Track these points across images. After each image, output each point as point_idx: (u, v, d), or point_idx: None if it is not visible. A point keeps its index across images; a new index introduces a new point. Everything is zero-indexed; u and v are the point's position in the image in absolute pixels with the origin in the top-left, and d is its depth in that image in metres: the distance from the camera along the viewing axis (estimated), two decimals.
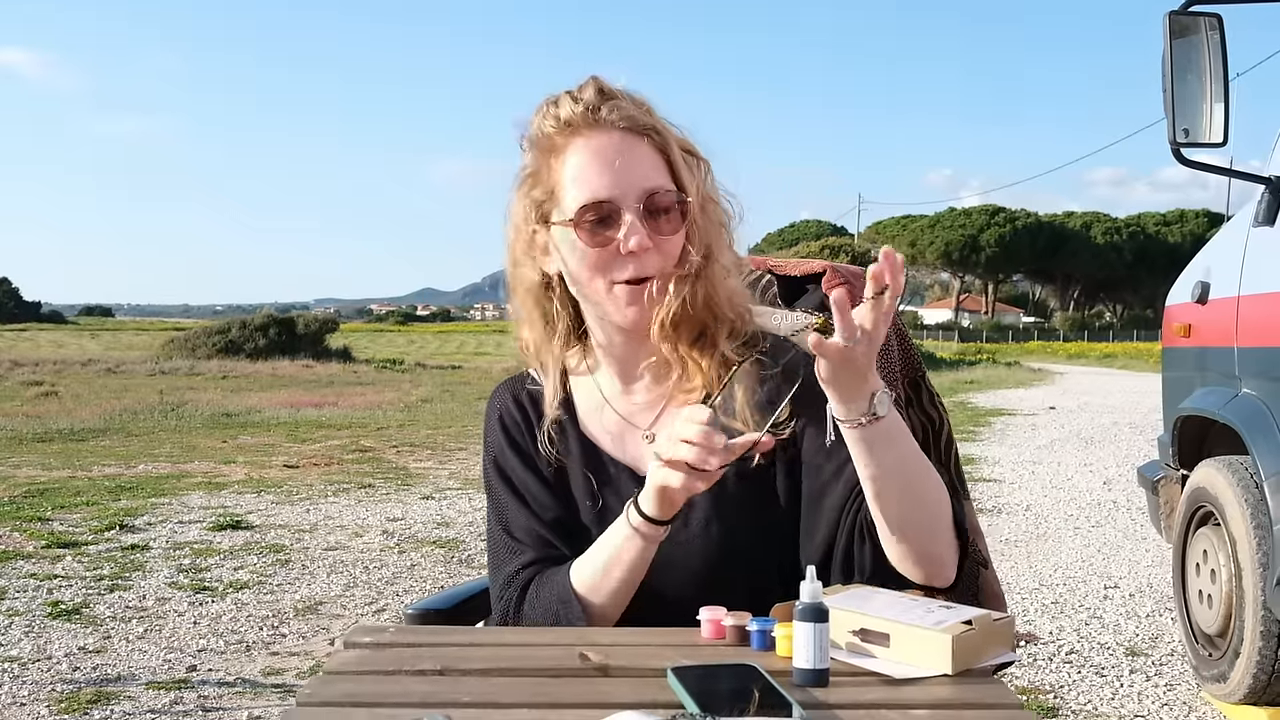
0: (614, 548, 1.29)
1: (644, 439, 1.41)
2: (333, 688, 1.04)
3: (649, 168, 1.32)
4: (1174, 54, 3.09)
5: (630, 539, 1.28)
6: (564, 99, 1.32)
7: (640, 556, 1.29)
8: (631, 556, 1.28)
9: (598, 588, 1.31)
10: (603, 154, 1.30)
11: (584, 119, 1.31)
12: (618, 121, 1.31)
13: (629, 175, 1.30)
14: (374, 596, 5.01)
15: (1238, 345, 3.51)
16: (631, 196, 1.30)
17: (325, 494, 7.92)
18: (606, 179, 1.30)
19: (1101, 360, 39.44)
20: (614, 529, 1.30)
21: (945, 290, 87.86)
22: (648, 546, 1.28)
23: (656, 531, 1.27)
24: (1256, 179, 3.45)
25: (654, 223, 1.31)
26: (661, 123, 1.34)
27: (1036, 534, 6.64)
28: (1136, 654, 4.21)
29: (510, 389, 1.50)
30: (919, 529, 1.24)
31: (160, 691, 3.66)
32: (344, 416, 14.17)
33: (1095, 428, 13.43)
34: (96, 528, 6.43)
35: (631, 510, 1.27)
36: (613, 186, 1.30)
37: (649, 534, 1.27)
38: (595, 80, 1.33)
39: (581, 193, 1.30)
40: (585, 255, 1.31)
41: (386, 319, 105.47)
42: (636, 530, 1.27)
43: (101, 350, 33.99)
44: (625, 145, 1.31)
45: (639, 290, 1.31)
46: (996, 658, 1.12)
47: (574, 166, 1.31)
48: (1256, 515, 3.31)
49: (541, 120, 1.34)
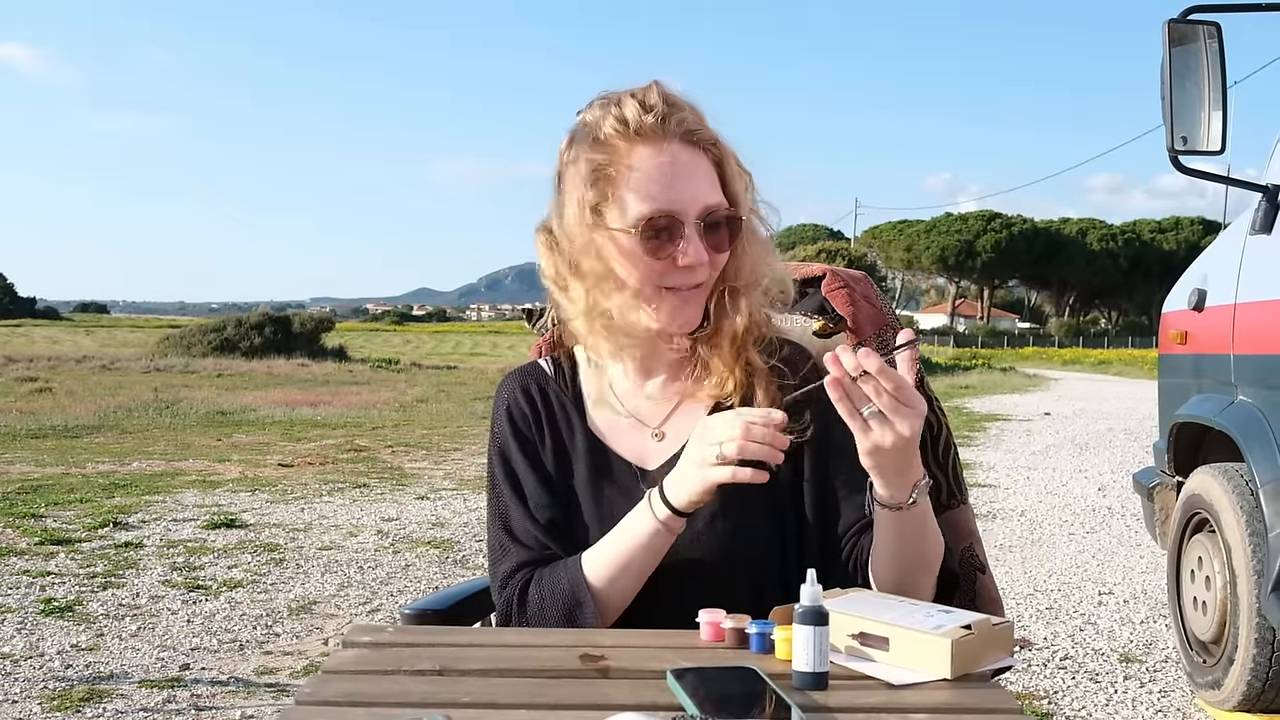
0: (634, 541, 1.30)
1: (653, 436, 1.42)
2: (332, 687, 1.04)
3: (708, 182, 1.33)
4: (1173, 62, 3.10)
5: (656, 533, 1.29)
6: (628, 102, 1.32)
7: (661, 548, 1.31)
8: (653, 549, 1.30)
9: (614, 580, 1.31)
10: (667, 166, 1.31)
11: (650, 127, 1.31)
12: (681, 133, 1.32)
13: (690, 189, 1.31)
14: (368, 596, 5.01)
15: (1234, 352, 3.52)
16: (692, 211, 1.31)
17: (320, 493, 7.91)
18: (671, 193, 1.31)
19: (1096, 366, 39.48)
20: (633, 522, 1.31)
21: (941, 295, 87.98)
22: (669, 538, 1.30)
23: (680, 524, 1.29)
24: (1254, 187, 3.46)
25: (711, 238, 1.32)
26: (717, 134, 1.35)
27: (1031, 539, 6.65)
28: (1131, 660, 4.22)
29: (519, 380, 1.49)
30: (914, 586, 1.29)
31: (153, 690, 3.65)
32: (339, 416, 14.16)
33: (1090, 434, 13.45)
34: (90, 525, 6.41)
35: (657, 503, 1.28)
36: (675, 200, 1.31)
37: (674, 527, 1.29)
38: (658, 86, 1.33)
39: (644, 204, 1.30)
40: (639, 262, 1.32)
41: (382, 318, 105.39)
42: (664, 524, 1.28)
43: (96, 347, 33.92)
44: (687, 157, 1.32)
45: (688, 295, 1.34)
46: (995, 662, 1.12)
47: (638, 175, 1.31)
48: (1252, 522, 3.31)
49: (601, 118, 1.33)
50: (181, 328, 34.07)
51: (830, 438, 1.36)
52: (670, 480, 1.28)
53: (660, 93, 1.33)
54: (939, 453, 1.78)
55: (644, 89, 1.34)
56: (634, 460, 1.42)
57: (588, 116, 1.36)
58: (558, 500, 1.42)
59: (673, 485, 1.28)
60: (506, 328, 71.13)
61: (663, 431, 1.42)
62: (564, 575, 1.33)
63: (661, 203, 1.31)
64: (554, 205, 1.39)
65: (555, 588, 1.33)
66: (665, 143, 1.32)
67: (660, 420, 1.43)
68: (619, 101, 1.33)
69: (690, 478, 1.26)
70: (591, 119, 1.35)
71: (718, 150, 1.35)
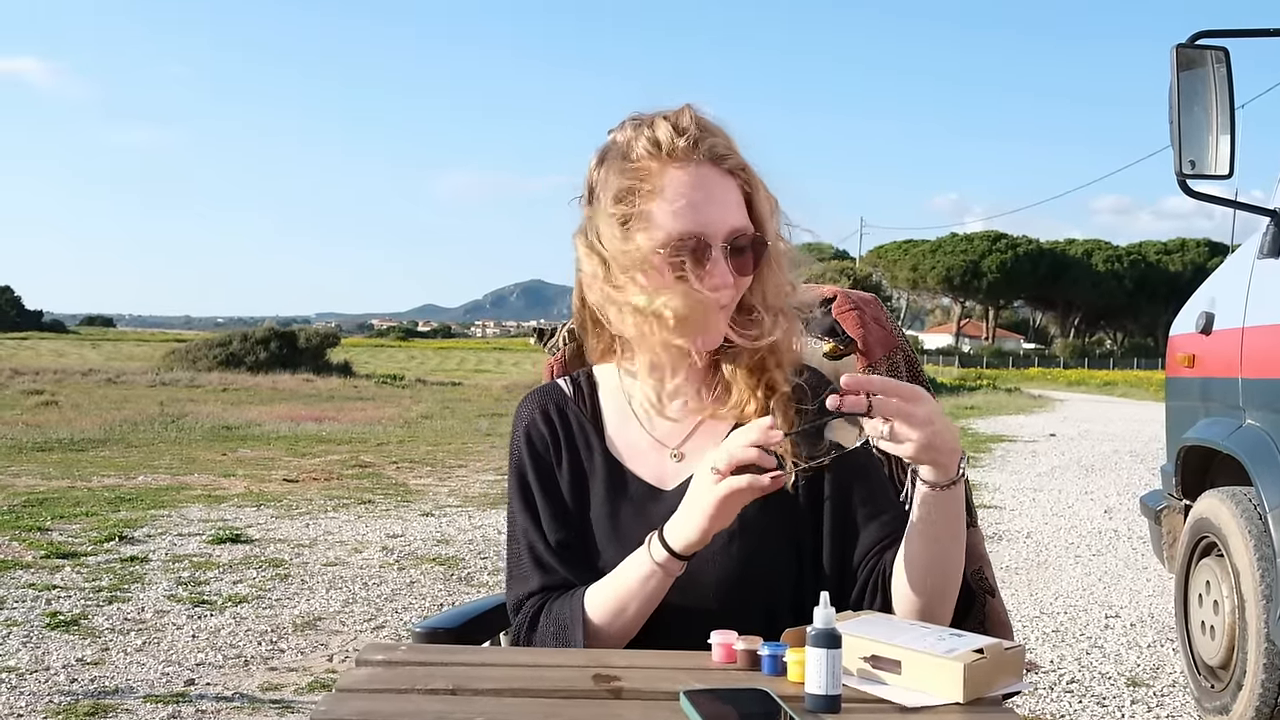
0: (631, 583, 1.30)
1: (671, 457, 1.42)
2: (346, 705, 1.04)
3: (735, 206, 1.34)
4: (1181, 86, 3.11)
5: (652, 574, 1.28)
6: (661, 124, 1.34)
7: (658, 591, 1.30)
8: (649, 591, 1.30)
9: (613, 620, 1.32)
10: (697, 190, 1.32)
11: (682, 151, 1.33)
12: (712, 157, 1.34)
13: (719, 213, 1.32)
14: (373, 613, 5.00)
15: (1242, 376, 3.52)
16: (719, 235, 1.32)
17: (325, 509, 7.91)
18: (699, 215, 1.32)
19: (1102, 388, 39.44)
20: (632, 564, 1.30)
21: (946, 315, 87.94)
22: (666, 581, 1.29)
23: (679, 567, 1.28)
24: (1262, 211, 3.47)
25: (736, 262, 1.33)
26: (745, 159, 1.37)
27: (1037, 562, 6.63)
28: (1138, 684, 4.20)
29: (538, 402, 1.49)
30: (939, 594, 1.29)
31: (158, 705, 3.65)
32: (344, 431, 14.17)
33: (1096, 455, 13.42)
34: (96, 538, 6.42)
35: (655, 545, 1.28)
36: (704, 224, 1.32)
37: (671, 570, 1.28)
38: (691, 110, 1.35)
39: (673, 224, 1.31)
40: (666, 282, 1.32)
41: (387, 334, 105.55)
42: (661, 566, 1.28)
43: (102, 360, 34.00)
44: (716, 182, 1.34)
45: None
46: (1006, 686, 1.12)
47: (667, 196, 1.32)
48: (1260, 547, 3.31)
49: (634, 138, 1.35)
50: (187, 342, 34.14)
51: (850, 460, 1.36)
52: (671, 524, 1.28)
53: (693, 116, 1.35)
54: None
55: (677, 112, 1.35)
56: (652, 481, 1.42)
57: (619, 136, 1.37)
58: (572, 524, 1.42)
59: (673, 527, 1.27)
60: (511, 344, 71.11)
61: (682, 452, 1.42)
62: (568, 610, 1.34)
63: (689, 224, 1.32)
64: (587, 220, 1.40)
65: (559, 621, 1.34)
66: (695, 166, 1.33)
67: (680, 441, 1.43)
68: (652, 123, 1.35)
69: (689, 512, 1.25)
70: (623, 138, 1.36)
71: (746, 176, 1.36)
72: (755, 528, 1.36)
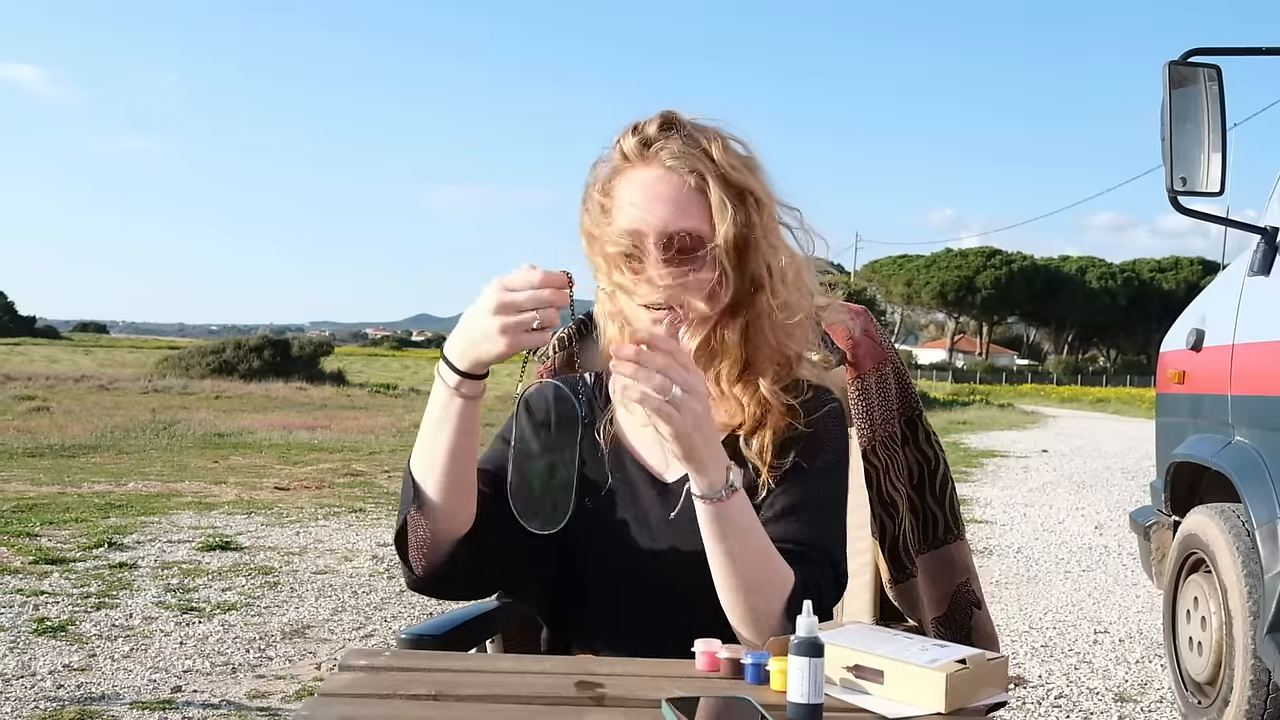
0: (435, 413, 1.26)
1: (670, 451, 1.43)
2: (328, 710, 1.04)
3: (682, 207, 1.35)
4: (1173, 103, 3.13)
5: (450, 400, 1.24)
6: (628, 131, 1.39)
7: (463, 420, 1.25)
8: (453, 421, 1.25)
9: (430, 466, 1.28)
10: (642, 188, 1.37)
11: (637, 153, 1.38)
12: (665, 159, 1.36)
13: (658, 212, 1.35)
14: (362, 621, 4.99)
15: (1232, 393, 3.53)
16: (655, 232, 1.35)
17: (315, 517, 7.90)
18: (638, 213, 1.35)
19: (1095, 405, 39.50)
20: (433, 398, 1.27)
21: (940, 330, 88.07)
22: (467, 407, 1.25)
23: (478, 388, 1.24)
24: (1252, 229, 3.48)
25: (678, 260, 1.35)
26: (717, 163, 1.36)
27: (1027, 576, 6.64)
28: (1125, 700, 4.20)
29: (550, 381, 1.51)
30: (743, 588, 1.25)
31: (145, 711, 3.64)
32: (336, 440, 14.15)
33: (1087, 472, 13.43)
34: (85, 545, 6.40)
35: (445, 370, 1.24)
36: (641, 221, 1.35)
37: (466, 390, 1.24)
38: (663, 115, 1.39)
39: (621, 223, 1.37)
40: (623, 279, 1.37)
41: (381, 343, 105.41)
42: (456, 390, 1.24)
43: (95, 367, 33.90)
44: (666, 183, 1.36)
45: (661, 316, 1.35)
46: (990, 698, 1.12)
47: (620, 193, 1.38)
48: (1248, 563, 3.31)
49: (612, 148, 1.41)
50: (180, 349, 34.09)
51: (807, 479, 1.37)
52: (451, 343, 1.24)
53: (661, 120, 1.38)
54: (936, 487, 1.79)
55: (651, 118, 1.39)
56: (654, 466, 1.45)
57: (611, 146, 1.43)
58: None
59: (452, 347, 1.23)
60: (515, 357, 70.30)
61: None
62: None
63: (630, 222, 1.36)
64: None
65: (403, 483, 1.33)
66: (647, 167, 1.37)
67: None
68: (628, 128, 1.40)
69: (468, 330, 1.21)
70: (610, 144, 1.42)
71: (703, 179, 1.36)
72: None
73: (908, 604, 1.68)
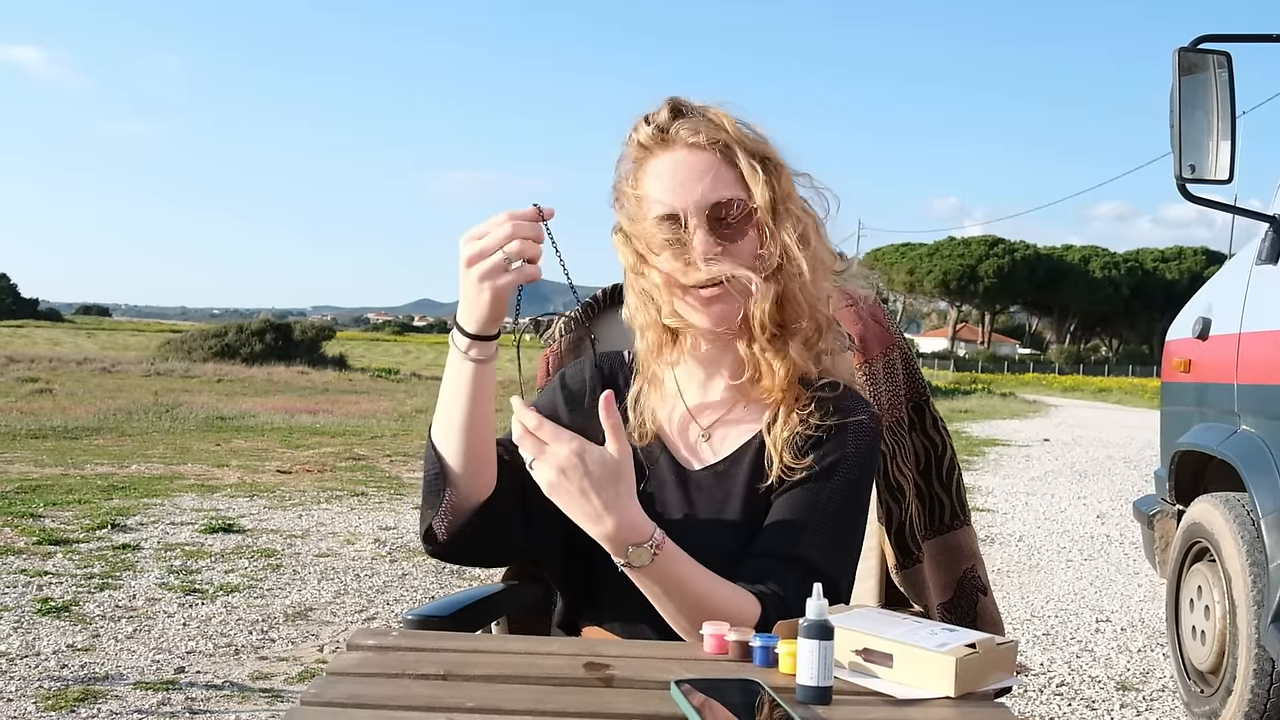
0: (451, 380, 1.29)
1: (701, 436, 1.45)
2: (336, 689, 1.04)
3: (714, 180, 1.36)
4: (1182, 90, 3.11)
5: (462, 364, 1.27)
6: (641, 123, 1.41)
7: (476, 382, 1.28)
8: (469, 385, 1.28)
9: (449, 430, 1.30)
10: (670, 171, 1.38)
11: (655, 139, 1.39)
12: (686, 139, 1.38)
13: (694, 188, 1.36)
14: (364, 604, 5.00)
15: (1238, 382, 3.52)
16: (694, 208, 1.35)
17: (318, 500, 7.91)
18: (672, 194, 1.36)
19: (1097, 394, 39.47)
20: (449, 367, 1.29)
21: (942, 319, 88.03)
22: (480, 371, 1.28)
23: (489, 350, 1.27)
24: (1260, 217, 3.47)
25: (721, 232, 1.36)
26: (733, 134, 1.38)
27: (1029, 565, 6.64)
28: (1127, 688, 4.21)
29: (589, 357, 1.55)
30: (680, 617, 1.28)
31: (148, 692, 3.65)
32: (338, 424, 14.16)
33: (1089, 461, 13.44)
34: (88, 526, 6.41)
35: (456, 336, 1.27)
36: (678, 200, 1.36)
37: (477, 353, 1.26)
38: (670, 101, 1.40)
39: (655, 208, 1.37)
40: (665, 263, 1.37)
41: (383, 328, 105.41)
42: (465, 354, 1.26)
43: (97, 349, 33.95)
44: (692, 160, 1.37)
45: (713, 293, 1.36)
46: (998, 682, 1.12)
47: (647, 185, 1.39)
48: (1252, 552, 3.31)
49: (628, 143, 1.42)
50: (183, 332, 34.12)
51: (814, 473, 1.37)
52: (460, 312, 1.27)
53: (670, 106, 1.40)
54: (943, 472, 1.79)
55: (658, 107, 1.41)
56: (682, 451, 1.45)
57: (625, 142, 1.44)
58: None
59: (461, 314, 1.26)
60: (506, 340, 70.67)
61: (709, 432, 1.45)
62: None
63: (666, 204, 1.37)
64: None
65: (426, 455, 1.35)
66: (669, 150, 1.38)
67: (712, 421, 1.46)
68: (637, 125, 1.41)
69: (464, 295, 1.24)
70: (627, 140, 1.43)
71: (727, 150, 1.37)
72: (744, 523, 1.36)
73: (914, 589, 1.68)
